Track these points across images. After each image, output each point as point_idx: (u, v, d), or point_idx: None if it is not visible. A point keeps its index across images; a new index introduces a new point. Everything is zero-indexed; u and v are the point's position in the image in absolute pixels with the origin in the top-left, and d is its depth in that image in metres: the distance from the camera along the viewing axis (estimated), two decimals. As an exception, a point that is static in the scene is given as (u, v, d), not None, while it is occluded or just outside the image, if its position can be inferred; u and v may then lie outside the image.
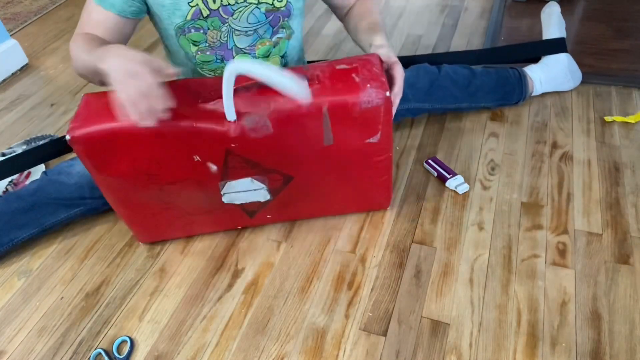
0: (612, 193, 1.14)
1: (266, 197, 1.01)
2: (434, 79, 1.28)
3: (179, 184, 0.95)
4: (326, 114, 0.87)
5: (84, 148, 0.86)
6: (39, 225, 1.10)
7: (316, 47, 1.77)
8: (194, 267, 1.07)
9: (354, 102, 0.87)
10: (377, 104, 0.87)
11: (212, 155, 0.90)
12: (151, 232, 1.09)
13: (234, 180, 0.96)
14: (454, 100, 1.32)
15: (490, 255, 1.03)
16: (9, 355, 0.94)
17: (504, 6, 1.86)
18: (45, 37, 2.00)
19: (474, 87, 1.32)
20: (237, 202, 1.02)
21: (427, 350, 0.89)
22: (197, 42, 0.98)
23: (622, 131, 1.30)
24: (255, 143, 0.89)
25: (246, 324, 0.96)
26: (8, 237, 1.08)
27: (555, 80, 1.39)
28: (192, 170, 0.92)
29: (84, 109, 0.87)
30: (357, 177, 1.02)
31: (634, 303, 0.93)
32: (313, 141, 0.92)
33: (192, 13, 0.92)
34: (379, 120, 0.90)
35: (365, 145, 0.94)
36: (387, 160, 0.99)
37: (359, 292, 0.99)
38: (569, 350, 0.87)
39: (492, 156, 1.26)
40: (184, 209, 1.03)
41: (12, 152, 1.36)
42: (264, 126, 0.87)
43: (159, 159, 0.90)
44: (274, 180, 0.98)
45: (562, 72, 1.39)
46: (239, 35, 0.98)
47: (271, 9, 0.97)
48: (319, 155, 0.95)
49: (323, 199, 1.07)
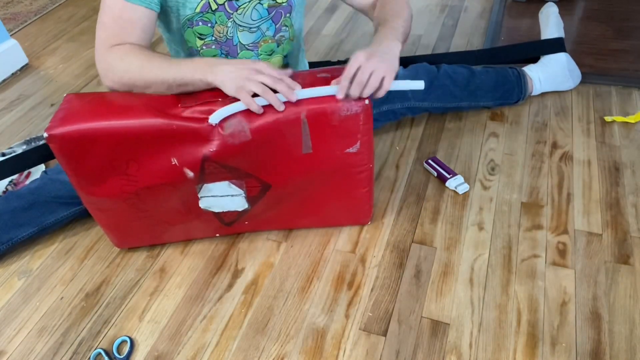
0: (612, 193, 1.14)
1: (244, 206, 1.00)
2: (433, 77, 1.28)
3: (156, 188, 0.94)
4: (305, 121, 0.87)
5: (61, 146, 0.85)
6: (39, 224, 1.10)
7: (316, 47, 1.77)
8: (194, 267, 1.07)
9: (333, 109, 0.86)
10: (356, 111, 0.87)
11: (190, 159, 0.89)
12: (127, 238, 1.08)
13: (212, 183, 0.95)
14: (453, 99, 1.31)
15: (490, 255, 1.03)
16: (9, 355, 0.94)
17: (504, 6, 1.86)
18: (45, 37, 2.00)
19: (473, 86, 1.31)
20: (214, 210, 1.00)
21: (427, 351, 0.89)
22: (204, 35, 0.98)
23: (622, 131, 1.30)
24: (233, 148, 0.88)
25: (246, 324, 0.96)
26: (7, 236, 1.08)
27: (554, 80, 1.40)
28: (169, 174, 0.91)
29: (65, 109, 0.87)
30: (336, 190, 1.01)
31: (634, 303, 0.93)
32: (292, 148, 0.91)
33: (201, 6, 0.92)
34: (358, 128, 0.89)
35: (344, 155, 0.93)
36: (367, 172, 0.98)
37: (359, 292, 0.99)
38: (569, 350, 0.87)
39: (492, 156, 1.26)
40: (160, 217, 1.02)
41: (12, 152, 1.36)
42: (241, 131, 0.86)
43: (138, 160, 0.89)
44: (252, 187, 0.97)
45: (561, 71, 1.39)
46: (242, 30, 0.99)
47: (273, 4, 0.98)
48: (297, 164, 0.94)
49: (301, 211, 1.06)
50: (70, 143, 0.85)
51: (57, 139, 0.84)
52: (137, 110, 0.86)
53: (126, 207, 0.97)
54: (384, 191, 1.19)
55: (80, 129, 0.84)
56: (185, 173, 0.91)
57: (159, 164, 0.90)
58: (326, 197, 1.02)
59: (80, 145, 0.85)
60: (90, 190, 0.94)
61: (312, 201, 1.03)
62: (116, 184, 0.92)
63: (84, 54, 1.84)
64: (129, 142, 0.86)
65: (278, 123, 0.86)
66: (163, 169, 0.90)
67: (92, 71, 1.75)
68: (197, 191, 0.96)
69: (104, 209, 0.98)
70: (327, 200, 1.03)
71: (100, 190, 0.93)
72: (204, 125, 0.85)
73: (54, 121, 0.84)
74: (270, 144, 0.89)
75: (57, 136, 0.84)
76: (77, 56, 1.84)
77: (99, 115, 0.85)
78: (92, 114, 0.85)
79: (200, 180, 0.93)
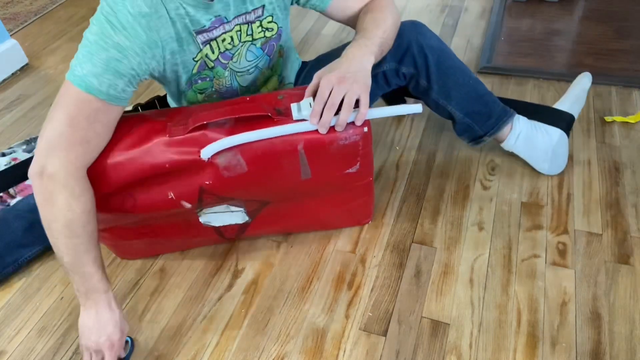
0: (612, 193, 1.14)
1: (244, 219, 0.99)
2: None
3: (156, 215, 0.93)
4: (302, 152, 0.85)
5: None
6: (43, 242, 1.06)
7: (316, 47, 1.77)
8: (194, 267, 1.07)
9: (331, 139, 0.84)
10: (355, 139, 0.84)
11: (186, 192, 0.87)
12: (127, 252, 1.08)
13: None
14: (425, 75, 1.04)
15: (490, 255, 1.03)
16: (9, 355, 0.94)
17: (504, 6, 1.86)
18: (45, 37, 2.00)
19: (452, 81, 1.06)
20: (214, 224, 0.99)
21: (427, 351, 0.89)
22: (204, 89, 0.96)
23: (622, 131, 1.30)
24: (230, 180, 0.86)
25: (246, 324, 0.96)
26: (12, 257, 1.06)
27: (532, 150, 1.15)
28: (167, 206, 0.89)
29: None
30: (336, 200, 1.00)
31: (634, 303, 0.93)
32: (290, 176, 0.89)
33: (197, 66, 0.90)
34: (357, 153, 0.87)
35: (344, 175, 0.92)
36: (367, 184, 0.98)
37: (359, 292, 0.99)
38: (569, 350, 0.87)
39: (492, 156, 1.26)
40: (160, 235, 1.01)
41: (12, 151, 1.36)
42: (237, 165, 0.84)
43: (133, 196, 0.87)
44: (251, 205, 0.96)
45: (544, 146, 1.14)
46: (241, 75, 0.97)
47: (265, 41, 0.96)
48: (296, 187, 0.92)
49: (300, 219, 1.05)
50: None
51: None
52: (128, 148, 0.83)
53: (124, 228, 0.97)
54: (384, 191, 1.19)
55: None
56: (183, 205, 0.89)
57: (155, 198, 0.88)
58: (326, 207, 1.02)
59: None
60: None
61: (311, 210, 1.02)
62: (114, 214, 0.91)
63: (84, 54, 1.84)
64: (122, 180, 0.83)
65: (274, 154, 0.84)
66: (160, 202, 0.88)
67: (92, 71, 1.75)
68: (196, 213, 0.95)
69: (101, 229, 0.97)
70: (327, 209, 1.03)
71: (98, 218, 0.92)
72: (197, 162, 0.83)
73: None
74: (268, 173, 0.87)
75: None
76: (77, 56, 1.84)
77: None
78: None
79: (198, 207, 0.92)
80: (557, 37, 1.67)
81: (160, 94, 1.12)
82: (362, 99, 0.81)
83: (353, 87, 0.80)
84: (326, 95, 0.80)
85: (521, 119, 1.14)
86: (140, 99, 1.52)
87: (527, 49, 1.63)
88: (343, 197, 1.00)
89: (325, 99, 0.80)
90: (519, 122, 1.13)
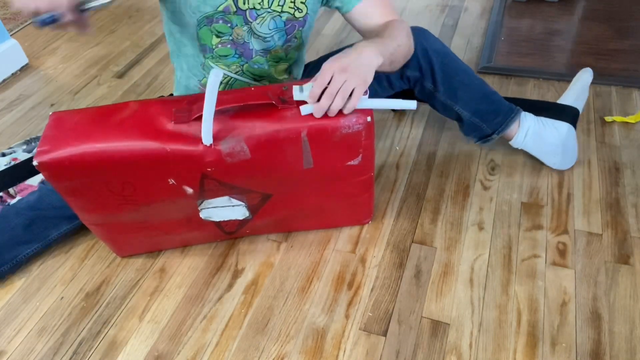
0: (612, 193, 1.14)
1: (245, 215, 0.99)
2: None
3: (156, 204, 0.92)
4: (305, 139, 0.85)
5: (51, 173, 0.83)
6: (42, 239, 1.07)
7: (316, 47, 1.77)
8: (194, 267, 1.07)
9: (334, 127, 0.84)
10: (358, 129, 0.85)
11: (188, 179, 0.87)
12: (126, 248, 1.07)
13: (212, 198, 0.94)
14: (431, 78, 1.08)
15: (490, 255, 1.03)
16: (9, 355, 0.94)
17: (504, 6, 1.86)
18: (45, 37, 2.00)
19: (457, 82, 1.09)
20: (215, 219, 0.99)
21: (427, 351, 0.89)
22: (222, 33, 0.97)
23: (622, 131, 1.30)
24: (232, 167, 0.86)
25: (246, 324, 0.96)
26: (10, 254, 1.06)
27: (541, 145, 1.17)
28: (168, 192, 0.89)
29: (52, 130, 0.83)
30: (337, 195, 1.00)
31: (634, 303, 0.93)
32: (292, 165, 0.89)
33: (224, 6, 0.92)
34: (359, 144, 0.88)
35: (346, 167, 0.92)
36: (368, 180, 0.98)
37: (359, 292, 0.99)
38: (569, 350, 0.87)
39: (492, 156, 1.26)
40: (159, 229, 1.01)
41: (12, 151, 1.36)
42: (240, 151, 0.84)
43: (133, 182, 0.87)
44: (252, 198, 0.96)
45: (554, 141, 1.15)
46: (257, 38, 0.99)
47: (291, 18, 0.98)
48: (298, 177, 0.92)
49: (301, 215, 1.05)
50: (61, 169, 0.82)
51: (47, 166, 0.81)
52: (129, 132, 0.83)
53: (124, 221, 0.97)
54: (384, 191, 1.19)
55: (71, 154, 0.81)
56: (185, 190, 0.90)
57: (155, 184, 0.88)
58: (327, 202, 1.02)
59: (72, 171, 0.83)
60: (87, 209, 0.93)
61: (313, 206, 1.02)
62: (113, 203, 0.91)
63: (84, 54, 1.84)
64: (122, 166, 0.83)
65: (278, 141, 0.84)
66: (160, 189, 0.89)
67: (92, 71, 1.75)
68: (197, 205, 0.95)
69: (101, 224, 0.97)
70: (328, 205, 1.03)
71: (97, 209, 0.92)
72: (199, 147, 0.82)
73: (42, 146, 0.81)
74: (271, 161, 0.88)
75: (47, 163, 0.81)
76: (77, 56, 1.84)
77: (89, 139, 0.82)
78: (82, 136, 0.82)
79: (200, 196, 0.92)
80: (557, 37, 1.67)
81: (163, 94, 1.13)
82: (355, 91, 0.81)
83: (351, 78, 0.81)
84: (326, 79, 0.81)
85: (528, 115, 1.16)
86: (141, 99, 1.52)
87: (527, 49, 1.63)
88: (344, 193, 1.00)
89: (324, 82, 0.81)
90: (526, 119, 1.15)
